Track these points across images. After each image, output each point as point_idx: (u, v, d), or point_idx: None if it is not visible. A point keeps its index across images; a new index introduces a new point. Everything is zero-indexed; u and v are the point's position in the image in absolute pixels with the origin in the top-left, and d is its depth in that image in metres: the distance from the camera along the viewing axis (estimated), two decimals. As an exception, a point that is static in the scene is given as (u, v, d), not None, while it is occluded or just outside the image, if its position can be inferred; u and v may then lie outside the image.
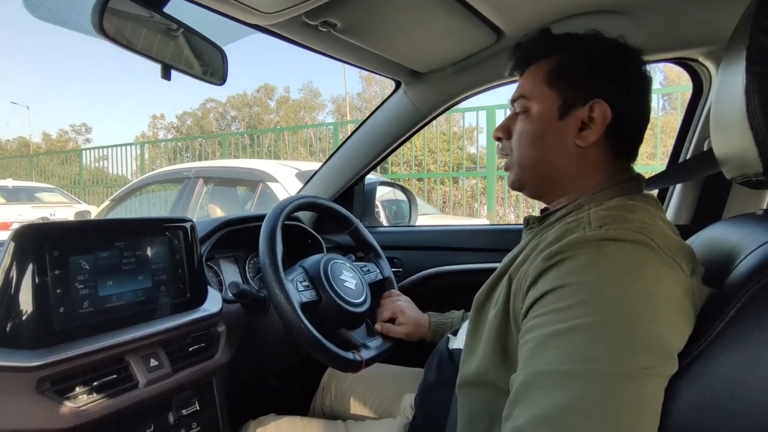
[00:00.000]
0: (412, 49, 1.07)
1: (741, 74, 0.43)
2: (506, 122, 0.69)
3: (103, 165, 9.65)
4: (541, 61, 0.65)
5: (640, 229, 0.49)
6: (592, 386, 0.42)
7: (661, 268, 0.46)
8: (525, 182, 0.67)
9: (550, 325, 0.47)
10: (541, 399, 0.44)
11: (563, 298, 0.47)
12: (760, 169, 0.44)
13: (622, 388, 0.41)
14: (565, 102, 0.62)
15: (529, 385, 0.46)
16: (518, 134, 0.66)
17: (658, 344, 0.43)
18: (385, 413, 0.99)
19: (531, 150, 0.64)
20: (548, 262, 0.50)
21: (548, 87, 0.63)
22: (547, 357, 0.46)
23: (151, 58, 0.76)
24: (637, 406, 0.42)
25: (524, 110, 0.65)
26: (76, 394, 0.66)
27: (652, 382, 0.42)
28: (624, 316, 0.44)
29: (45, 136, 23.70)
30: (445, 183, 6.33)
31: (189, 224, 0.86)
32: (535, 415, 0.44)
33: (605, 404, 0.41)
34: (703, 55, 0.98)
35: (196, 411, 0.83)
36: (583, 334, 0.44)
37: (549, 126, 0.63)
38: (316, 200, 1.06)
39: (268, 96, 22.22)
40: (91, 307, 0.70)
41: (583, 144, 0.61)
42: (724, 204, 1.04)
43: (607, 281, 0.46)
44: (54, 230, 0.68)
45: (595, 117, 0.60)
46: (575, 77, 0.62)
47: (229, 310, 0.93)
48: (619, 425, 0.41)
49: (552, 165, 0.63)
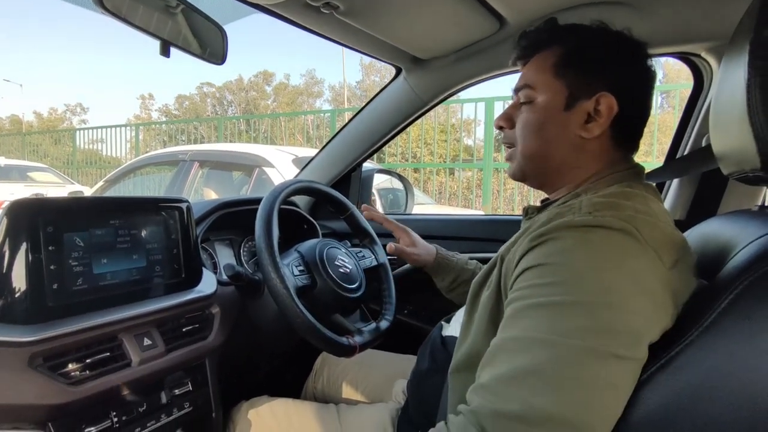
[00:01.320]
0: (414, 35, 1.06)
1: (743, 69, 0.43)
2: (509, 111, 0.68)
3: (96, 146, 9.56)
4: (547, 50, 0.64)
5: (628, 218, 0.49)
6: (558, 354, 0.44)
7: (640, 260, 0.47)
8: (527, 172, 0.67)
9: (527, 299, 0.49)
10: (506, 360, 0.47)
11: (543, 275, 0.49)
12: (757, 164, 0.44)
13: (586, 363, 0.43)
14: (572, 93, 0.61)
15: (499, 348, 0.49)
16: (522, 124, 0.65)
17: (628, 330, 0.45)
18: (377, 398, 1.00)
19: (534, 140, 0.64)
20: (534, 241, 0.52)
21: (554, 77, 0.62)
22: (520, 325, 0.48)
23: (149, 33, 0.75)
24: (597, 383, 0.43)
25: (529, 100, 0.64)
26: (69, 370, 0.66)
27: (618, 363, 0.44)
28: (598, 300, 0.45)
29: (37, 114, 23.40)
30: (441, 174, 6.33)
31: (185, 205, 0.86)
32: (499, 374, 0.46)
33: (566, 372, 0.43)
34: (706, 50, 0.98)
35: (189, 391, 0.83)
36: (558, 309, 0.46)
37: (554, 116, 0.62)
38: (313, 185, 1.06)
39: (266, 81, 22.00)
40: (85, 285, 0.70)
41: (587, 136, 0.61)
42: (720, 200, 1.04)
43: (587, 266, 0.47)
44: (48, 206, 0.67)
45: (601, 110, 0.60)
46: (582, 69, 0.61)
47: (223, 293, 0.93)
48: (574, 395, 0.43)
49: (554, 155, 0.63)
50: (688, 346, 0.44)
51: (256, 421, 0.89)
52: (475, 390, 0.48)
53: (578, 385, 0.43)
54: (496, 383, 0.46)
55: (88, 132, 9.48)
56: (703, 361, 0.42)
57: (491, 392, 0.46)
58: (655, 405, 0.43)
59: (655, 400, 0.44)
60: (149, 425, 0.76)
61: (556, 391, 0.43)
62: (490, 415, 0.45)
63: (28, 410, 0.62)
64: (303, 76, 24.49)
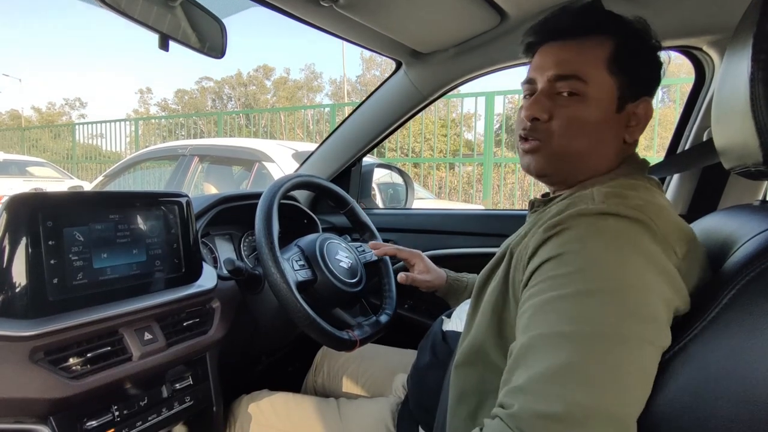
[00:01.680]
0: (414, 29, 1.05)
1: (746, 63, 0.43)
2: (546, 102, 0.60)
3: (96, 141, 9.53)
4: (596, 38, 0.58)
5: (639, 207, 0.49)
6: (592, 347, 0.43)
7: (652, 247, 0.47)
8: (554, 170, 0.62)
9: (548, 291, 0.48)
10: (541, 359, 0.45)
11: (561, 266, 0.48)
12: (760, 159, 0.44)
13: (622, 351, 0.43)
14: (623, 94, 0.58)
15: (529, 347, 0.47)
16: (568, 119, 0.58)
17: (652, 314, 0.44)
18: (377, 392, 1.00)
19: (583, 140, 0.58)
20: (548, 232, 0.51)
21: (609, 73, 0.58)
22: (547, 321, 0.46)
23: (148, 27, 0.75)
24: (634, 371, 0.43)
25: (576, 93, 0.58)
26: (70, 364, 0.66)
27: (648, 349, 0.43)
28: (620, 285, 0.45)
29: (36, 109, 23.31)
30: (441, 169, 6.32)
31: (185, 200, 0.86)
32: (535, 373, 0.44)
33: (605, 363, 0.42)
34: (708, 43, 0.97)
35: (190, 385, 0.83)
36: (582, 298, 0.45)
37: (607, 117, 0.58)
38: (313, 179, 1.05)
39: (266, 76, 21.92)
40: (86, 279, 0.70)
41: (630, 140, 0.60)
42: (721, 195, 1.04)
43: (605, 252, 0.46)
44: (48, 201, 0.67)
45: (639, 113, 0.59)
46: (634, 68, 0.58)
47: (223, 287, 0.93)
48: (613, 385, 0.42)
49: (593, 157, 0.60)
50: (692, 340, 0.44)
51: (257, 414, 0.90)
52: (512, 393, 0.46)
53: (614, 375, 0.42)
54: (533, 384, 0.44)
55: (88, 127, 9.45)
56: (705, 356, 0.42)
57: (530, 393, 0.44)
58: (658, 399, 0.44)
59: (659, 395, 0.44)
60: (150, 419, 0.76)
61: (594, 385, 0.42)
62: (532, 418, 0.43)
63: (30, 404, 0.62)
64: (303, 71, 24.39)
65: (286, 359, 1.35)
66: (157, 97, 23.20)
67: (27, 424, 0.63)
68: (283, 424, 0.88)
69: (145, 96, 23.62)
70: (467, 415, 0.58)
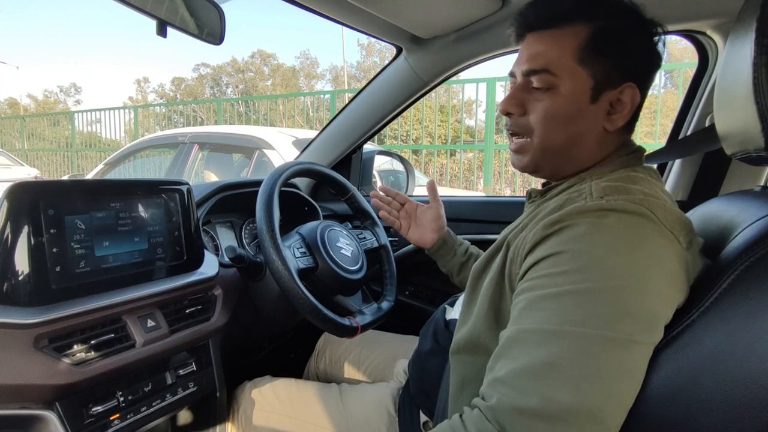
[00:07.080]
0: (414, 13, 1.04)
1: (749, 47, 0.43)
2: (519, 96, 0.60)
3: (95, 129, 9.47)
4: (570, 26, 0.56)
5: (640, 200, 0.49)
6: (575, 346, 0.43)
7: (658, 241, 0.47)
8: (543, 165, 0.62)
9: (542, 288, 0.48)
10: (523, 354, 0.46)
11: (559, 264, 0.48)
12: (761, 144, 0.44)
13: (605, 352, 0.43)
14: (598, 83, 0.56)
15: (514, 340, 0.48)
16: (542, 114, 0.58)
17: (647, 314, 0.44)
18: (378, 378, 1.01)
19: (560, 133, 0.58)
20: (548, 229, 0.50)
21: (579, 64, 0.56)
22: (535, 316, 0.47)
23: (146, 13, 0.74)
24: (616, 372, 0.43)
25: (548, 87, 0.57)
26: (74, 351, 0.67)
27: (636, 349, 0.44)
28: (617, 284, 0.45)
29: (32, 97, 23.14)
30: (441, 156, 6.30)
31: (186, 187, 0.86)
32: (516, 368, 0.45)
33: (585, 364, 0.43)
34: (711, 27, 0.96)
35: (193, 371, 0.84)
36: (574, 298, 0.45)
37: (581, 109, 0.57)
38: (314, 167, 1.05)
39: (264, 62, 21.71)
40: (88, 267, 0.70)
41: (611, 128, 0.58)
42: (722, 181, 1.04)
43: (605, 251, 0.46)
44: (49, 189, 0.67)
45: (624, 99, 0.57)
46: (609, 57, 0.56)
47: (225, 274, 0.93)
48: (594, 386, 0.42)
49: (577, 149, 0.59)
50: (690, 326, 0.44)
51: (260, 400, 0.91)
52: (493, 384, 0.47)
53: (597, 375, 0.42)
54: (513, 377, 0.45)
55: (86, 114, 9.39)
56: (703, 341, 0.42)
57: (509, 387, 0.45)
58: (656, 383, 0.44)
59: (656, 379, 0.44)
60: (155, 404, 0.77)
61: (575, 384, 0.42)
62: (509, 412, 0.44)
63: (35, 390, 0.63)
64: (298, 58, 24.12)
65: (289, 345, 1.36)
66: (154, 84, 22.97)
67: (34, 410, 0.64)
68: (285, 409, 0.89)
69: (142, 85, 23.38)
70: (470, 402, 0.59)
